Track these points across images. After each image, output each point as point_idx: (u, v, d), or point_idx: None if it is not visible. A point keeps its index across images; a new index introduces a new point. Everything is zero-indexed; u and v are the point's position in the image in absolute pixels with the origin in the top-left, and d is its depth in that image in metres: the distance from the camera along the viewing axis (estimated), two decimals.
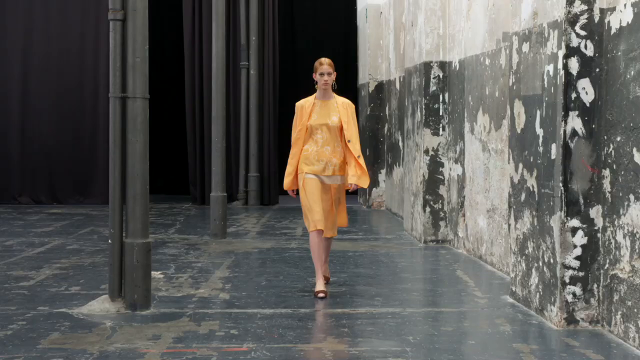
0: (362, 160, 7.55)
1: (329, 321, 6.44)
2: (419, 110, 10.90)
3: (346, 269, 8.78)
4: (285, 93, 17.68)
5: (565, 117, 6.19)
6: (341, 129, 7.59)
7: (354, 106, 7.76)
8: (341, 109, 7.61)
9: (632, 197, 5.69)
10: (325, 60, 7.65)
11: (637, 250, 5.62)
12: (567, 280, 6.20)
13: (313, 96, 7.71)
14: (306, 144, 7.59)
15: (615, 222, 5.94)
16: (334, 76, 7.65)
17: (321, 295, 7.28)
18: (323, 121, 7.58)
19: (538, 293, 6.62)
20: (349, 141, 7.55)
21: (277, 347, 5.67)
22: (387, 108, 15.07)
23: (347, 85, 18.17)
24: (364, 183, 7.51)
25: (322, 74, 7.61)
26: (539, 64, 6.62)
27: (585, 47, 6.16)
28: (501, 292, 7.57)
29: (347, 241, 10.91)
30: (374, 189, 15.48)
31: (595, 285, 6.19)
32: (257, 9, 16.02)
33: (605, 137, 6.10)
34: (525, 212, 6.93)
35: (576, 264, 6.20)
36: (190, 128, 15.86)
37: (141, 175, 6.75)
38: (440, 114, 10.68)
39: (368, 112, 15.45)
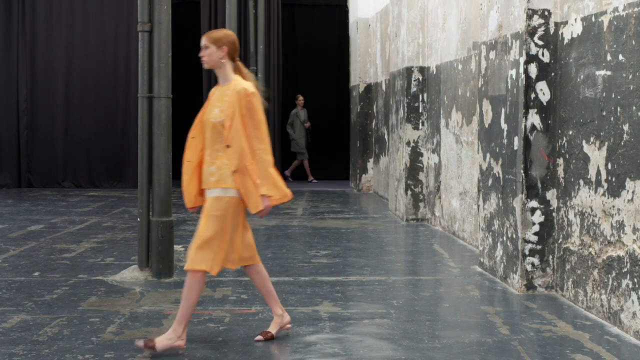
0: (254, 171, 4.64)
1: (325, 287, 6.44)
2: (401, 108, 10.87)
3: (339, 243, 8.78)
4: (288, 93, 17.68)
5: (526, 114, 6.17)
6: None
7: (254, 94, 4.65)
8: (231, 98, 4.62)
9: (581, 182, 5.69)
10: (207, 34, 4.74)
11: (585, 227, 5.62)
12: (527, 253, 6.20)
13: None
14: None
15: (568, 203, 5.94)
16: (213, 51, 4.64)
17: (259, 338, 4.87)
18: (207, 116, 4.73)
19: (502, 263, 6.62)
20: (227, 146, 4.60)
21: None
22: (374, 106, 15.04)
23: (340, 86, 18.19)
24: (270, 191, 4.68)
25: (201, 49, 4.76)
26: (503, 69, 6.60)
27: (543, 54, 6.14)
28: (471, 262, 7.57)
29: (340, 220, 10.90)
30: (364, 175, 15.45)
31: (550, 257, 6.19)
32: (264, 22, 15.96)
33: (560, 131, 6.09)
34: (491, 195, 6.92)
35: (534, 238, 6.20)
36: None
37: (165, 163, 6.74)
38: (420, 111, 10.66)
39: (358, 110, 15.41)
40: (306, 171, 17.27)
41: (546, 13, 6.13)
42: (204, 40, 4.69)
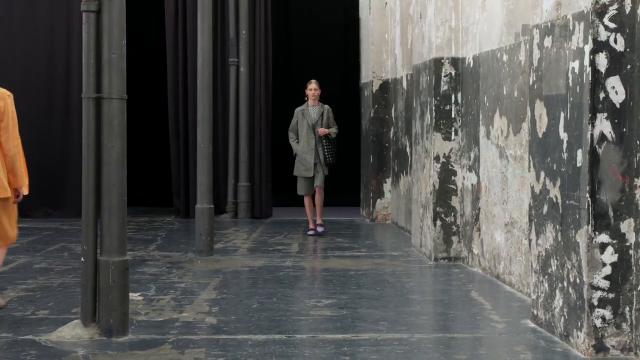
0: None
1: (329, 348, 6.42)
2: (428, 112, 10.90)
3: (347, 289, 8.77)
4: (278, 92, 17.70)
5: (593, 119, 6.18)
6: None
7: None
8: None
9: None
10: None
11: None
12: (596, 303, 6.18)
13: None
14: None
15: None
16: None
17: None
18: None
19: (563, 317, 6.60)
20: None
21: None
22: (392, 110, 15.07)
23: (347, 84, 18.23)
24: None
25: None
26: (562, 61, 6.62)
27: (615, 41, 6.15)
28: (521, 315, 7.55)
29: (348, 259, 10.89)
30: (379, 200, 15.46)
31: (627, 309, 6.17)
32: (248, 0, 16.03)
33: (638, 142, 6.09)
34: (547, 226, 6.91)
35: (605, 284, 6.18)
36: (173, 132, 15.85)
37: (118, 184, 6.73)
38: (453, 116, 10.67)
39: (372, 114, 15.45)
40: (307, 211, 13.63)
41: None
42: None
